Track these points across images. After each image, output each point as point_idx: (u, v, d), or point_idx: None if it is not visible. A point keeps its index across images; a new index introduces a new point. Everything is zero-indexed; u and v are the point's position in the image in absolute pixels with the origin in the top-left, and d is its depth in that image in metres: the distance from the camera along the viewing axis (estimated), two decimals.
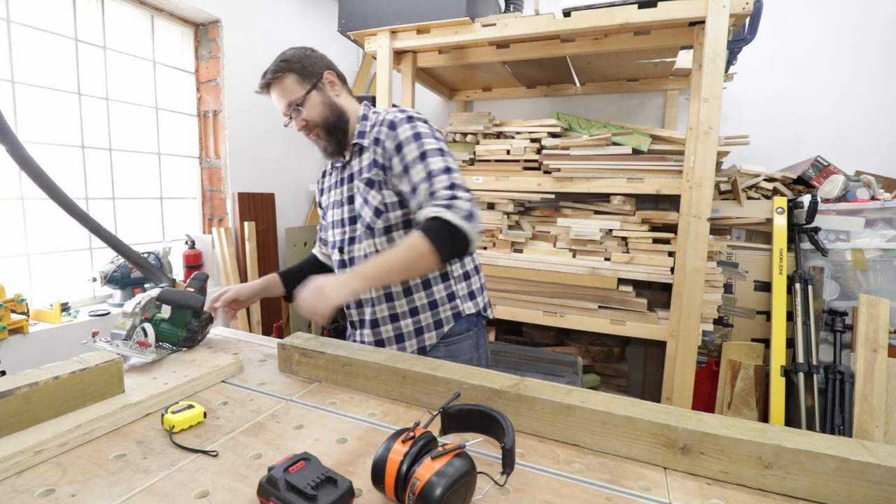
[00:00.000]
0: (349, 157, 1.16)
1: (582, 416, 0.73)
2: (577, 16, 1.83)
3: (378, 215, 1.10)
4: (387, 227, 1.11)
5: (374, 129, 1.11)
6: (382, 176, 1.09)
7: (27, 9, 1.84)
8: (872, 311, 1.91)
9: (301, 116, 1.10)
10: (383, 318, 1.15)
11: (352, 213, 1.15)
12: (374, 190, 1.10)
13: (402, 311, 1.14)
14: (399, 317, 1.15)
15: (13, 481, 0.62)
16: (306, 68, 1.10)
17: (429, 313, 1.15)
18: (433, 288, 1.15)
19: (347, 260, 1.18)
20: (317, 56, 1.14)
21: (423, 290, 1.15)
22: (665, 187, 2.03)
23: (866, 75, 2.39)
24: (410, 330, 1.15)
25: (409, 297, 1.14)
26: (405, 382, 0.87)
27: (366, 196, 1.11)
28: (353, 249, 1.16)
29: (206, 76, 2.53)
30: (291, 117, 1.11)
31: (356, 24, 2.15)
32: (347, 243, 1.17)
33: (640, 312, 2.17)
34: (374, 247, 1.12)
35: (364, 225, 1.12)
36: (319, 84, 1.11)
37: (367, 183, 1.10)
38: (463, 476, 0.54)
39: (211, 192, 2.63)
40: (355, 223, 1.15)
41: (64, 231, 2.00)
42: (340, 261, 1.20)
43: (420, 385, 0.85)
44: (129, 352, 0.98)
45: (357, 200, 1.13)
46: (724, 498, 0.62)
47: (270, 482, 0.55)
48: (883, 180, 2.25)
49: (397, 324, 1.15)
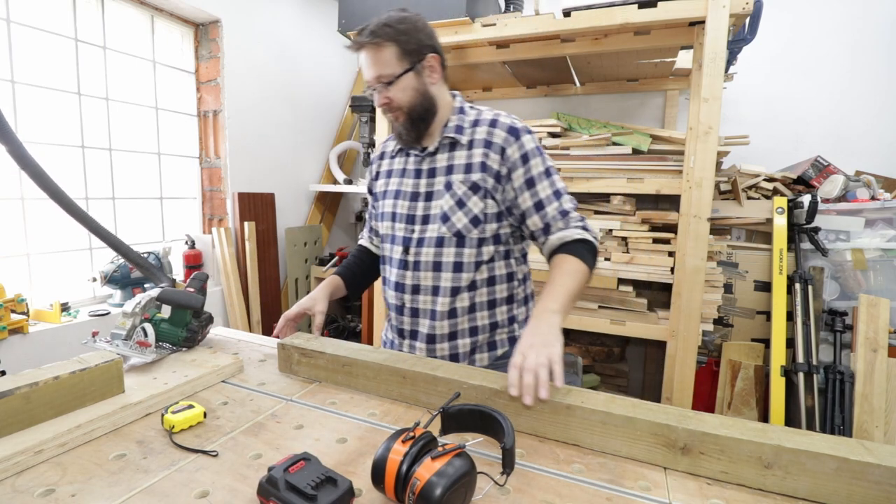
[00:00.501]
0: (434, 149, 1.06)
1: (582, 416, 0.73)
2: (577, 16, 1.83)
3: (475, 224, 1.01)
4: (481, 238, 1.02)
5: (478, 127, 1.03)
6: (492, 183, 1.00)
7: (27, 9, 1.84)
8: (872, 311, 1.91)
9: (386, 94, 0.99)
10: (442, 336, 1.06)
11: (427, 212, 1.04)
12: (478, 196, 1.00)
13: (461, 328, 1.06)
14: (458, 335, 1.06)
15: (13, 481, 0.62)
16: (411, 44, 0.98)
17: (487, 334, 1.08)
18: (497, 309, 1.08)
19: (412, 262, 1.06)
20: (425, 33, 1.01)
21: (487, 310, 1.07)
22: (665, 187, 2.03)
23: (866, 75, 2.39)
24: (466, 350, 1.07)
25: (472, 314, 1.06)
26: (405, 382, 0.87)
27: (464, 200, 1.01)
28: (421, 253, 1.05)
29: (206, 76, 2.53)
30: (375, 89, 1.00)
31: (356, 24, 2.15)
32: (415, 244, 1.05)
33: (639, 312, 2.17)
34: (454, 256, 1.02)
35: (452, 231, 1.02)
36: (418, 66, 0.99)
37: (472, 187, 1.00)
38: (463, 476, 0.54)
39: (211, 192, 2.63)
40: (428, 223, 1.04)
41: (64, 231, 2.00)
42: (402, 261, 1.07)
43: (420, 385, 0.85)
44: (129, 352, 0.98)
45: (444, 200, 1.02)
46: (724, 498, 0.62)
47: (270, 482, 0.55)
48: (883, 180, 2.25)
49: (454, 342, 1.06)
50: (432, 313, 1.05)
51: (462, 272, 1.03)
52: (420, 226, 1.05)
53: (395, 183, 1.12)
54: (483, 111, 1.07)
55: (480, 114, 1.06)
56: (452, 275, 1.03)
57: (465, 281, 1.04)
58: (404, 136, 1.06)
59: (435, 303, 1.05)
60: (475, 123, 1.04)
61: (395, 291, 1.10)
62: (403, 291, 1.08)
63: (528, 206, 1.01)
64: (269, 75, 2.74)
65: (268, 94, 2.76)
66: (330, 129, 3.37)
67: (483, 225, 1.02)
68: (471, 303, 1.05)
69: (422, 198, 1.06)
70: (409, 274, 1.06)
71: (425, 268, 1.04)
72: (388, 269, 1.12)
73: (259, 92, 2.69)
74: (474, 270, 1.04)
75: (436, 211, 1.03)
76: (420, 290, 1.06)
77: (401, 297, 1.09)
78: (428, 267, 1.04)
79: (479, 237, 1.02)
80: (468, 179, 1.01)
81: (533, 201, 1.00)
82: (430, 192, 1.05)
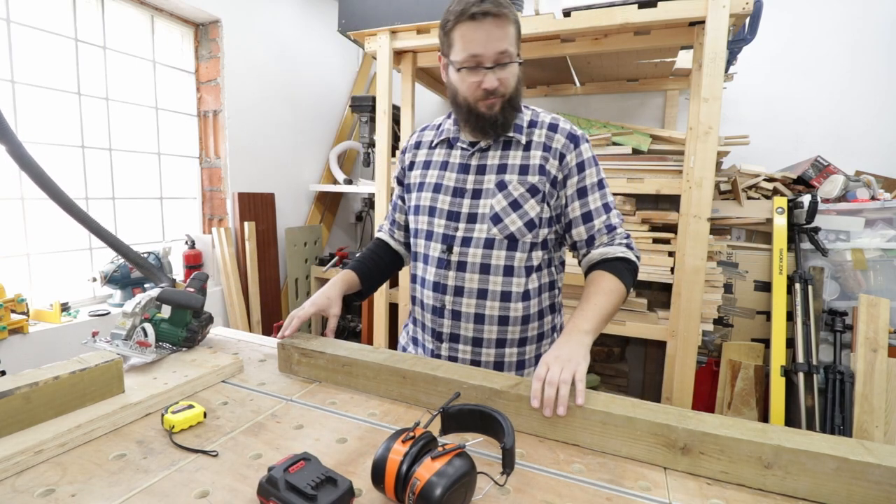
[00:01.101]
0: (487, 146, 1.01)
1: (582, 416, 0.73)
2: (577, 16, 1.83)
3: (531, 229, 0.98)
4: (533, 243, 0.99)
5: (537, 129, 1.00)
6: (549, 188, 0.98)
7: (27, 9, 1.84)
8: (872, 311, 1.91)
9: (501, 74, 0.92)
10: (489, 340, 1.01)
11: (474, 210, 0.99)
12: (536, 200, 0.97)
13: (512, 338, 1.02)
14: (507, 343, 1.02)
15: (13, 481, 0.62)
16: (519, 34, 0.95)
17: (535, 345, 1.05)
18: (544, 319, 1.05)
19: (455, 262, 1.00)
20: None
21: (537, 321, 1.04)
22: (665, 187, 2.03)
23: (866, 75, 2.39)
24: (513, 360, 1.03)
25: (525, 325, 1.02)
26: (405, 382, 0.87)
27: (520, 202, 0.97)
28: (467, 253, 0.99)
29: (206, 76, 2.53)
30: (490, 67, 0.91)
31: (356, 24, 2.15)
32: (460, 243, 1.00)
33: (640, 312, 2.17)
34: (504, 259, 0.98)
35: (504, 233, 0.97)
36: (519, 56, 0.96)
37: (531, 189, 0.97)
38: (463, 476, 0.54)
39: (211, 192, 2.63)
40: (476, 222, 0.99)
41: (64, 231, 2.00)
42: (444, 260, 1.01)
43: (420, 385, 0.85)
44: (129, 352, 0.98)
45: (496, 200, 0.98)
46: (724, 498, 0.62)
47: (270, 482, 0.55)
48: (883, 180, 2.25)
49: (502, 350, 1.02)
50: (477, 317, 1.00)
51: (513, 276, 0.99)
52: (465, 224, 1.00)
53: (434, 175, 1.05)
54: (539, 112, 1.04)
55: (537, 115, 1.03)
56: (503, 279, 0.99)
57: (515, 286, 0.99)
58: (484, 127, 0.98)
59: (482, 307, 1.00)
60: (532, 124, 1.01)
61: (433, 292, 1.03)
62: (444, 293, 1.02)
63: (577, 215, 0.99)
64: (269, 75, 2.74)
65: (268, 94, 2.76)
66: (330, 129, 3.37)
67: (537, 230, 0.99)
68: (525, 313, 1.01)
69: (468, 195, 1.01)
70: (452, 274, 1.01)
71: (471, 269, 0.99)
72: (425, 267, 1.05)
73: (259, 92, 2.69)
74: (525, 276, 1.00)
75: (485, 210, 0.99)
76: (464, 292, 1.00)
77: (441, 299, 1.02)
78: (475, 269, 0.99)
79: (531, 241, 0.99)
80: (525, 181, 0.97)
81: (582, 211, 0.99)
82: (479, 190, 1.00)
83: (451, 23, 0.92)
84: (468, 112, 0.97)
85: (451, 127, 1.07)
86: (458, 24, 0.91)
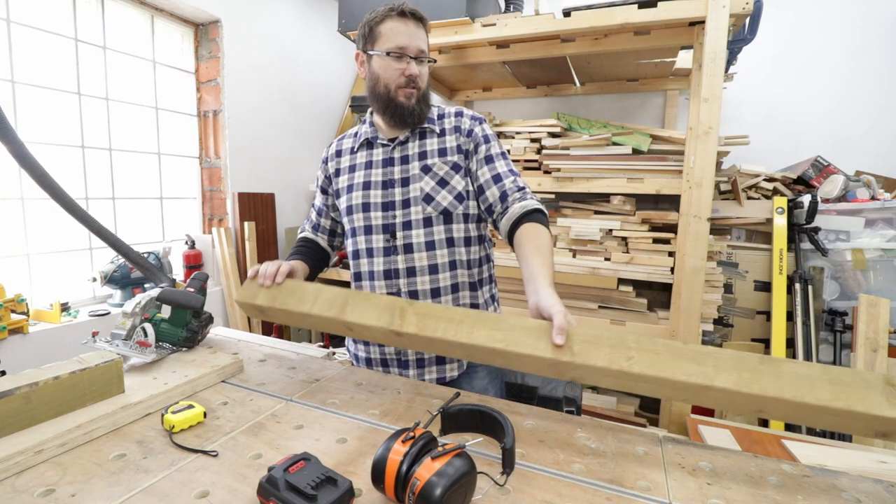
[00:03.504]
0: (405, 139, 1.11)
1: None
2: (577, 16, 1.83)
3: (460, 201, 1.08)
4: (465, 214, 1.09)
5: (446, 118, 1.14)
6: (465, 162, 1.10)
7: (27, 9, 1.84)
8: (872, 311, 1.91)
9: (421, 68, 1.08)
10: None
11: (406, 196, 1.08)
12: (459, 175, 1.09)
13: (463, 304, 1.10)
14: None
15: (13, 481, 0.62)
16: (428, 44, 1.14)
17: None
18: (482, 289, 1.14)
19: (401, 246, 1.08)
20: None
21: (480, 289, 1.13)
22: (665, 187, 2.03)
23: (866, 76, 2.39)
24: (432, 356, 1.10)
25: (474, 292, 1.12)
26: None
27: (446, 179, 1.08)
28: (410, 235, 1.07)
29: (206, 76, 2.53)
30: (417, 58, 1.07)
31: (356, 24, 2.12)
32: (402, 227, 1.08)
33: (640, 312, 2.17)
34: (444, 233, 1.07)
35: (438, 209, 1.07)
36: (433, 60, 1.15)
37: (454, 167, 1.09)
38: (463, 476, 0.54)
39: (211, 192, 2.63)
40: (410, 206, 1.07)
41: (64, 231, 2.00)
42: (389, 248, 1.09)
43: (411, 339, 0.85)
44: (129, 352, 0.98)
45: (424, 182, 1.07)
46: (724, 498, 0.62)
47: (270, 482, 0.55)
48: (883, 180, 2.25)
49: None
50: (434, 292, 1.08)
51: (455, 247, 1.08)
52: (402, 210, 1.08)
53: (361, 175, 1.13)
54: (443, 106, 1.18)
55: (442, 109, 1.17)
56: (447, 250, 1.08)
57: (458, 255, 1.09)
58: (405, 117, 1.08)
59: (435, 280, 1.08)
60: (441, 116, 1.15)
61: (385, 280, 1.09)
62: (397, 276, 1.08)
63: (488, 178, 1.09)
64: (269, 75, 2.74)
65: (268, 94, 2.76)
66: (330, 129, 3.37)
67: (466, 202, 1.09)
68: (471, 280, 1.11)
69: (398, 184, 1.09)
70: (401, 258, 1.08)
71: (418, 249, 1.07)
72: (370, 260, 1.11)
73: (259, 92, 2.69)
74: (465, 245, 1.10)
75: (416, 193, 1.08)
76: (416, 271, 1.08)
77: (395, 284, 1.09)
78: (421, 248, 1.07)
79: (464, 213, 1.09)
80: (448, 161, 1.09)
81: (492, 174, 1.09)
82: (406, 178, 1.09)
83: (380, 17, 1.06)
84: (388, 101, 1.08)
85: (368, 129, 1.16)
86: (387, 19, 1.05)
